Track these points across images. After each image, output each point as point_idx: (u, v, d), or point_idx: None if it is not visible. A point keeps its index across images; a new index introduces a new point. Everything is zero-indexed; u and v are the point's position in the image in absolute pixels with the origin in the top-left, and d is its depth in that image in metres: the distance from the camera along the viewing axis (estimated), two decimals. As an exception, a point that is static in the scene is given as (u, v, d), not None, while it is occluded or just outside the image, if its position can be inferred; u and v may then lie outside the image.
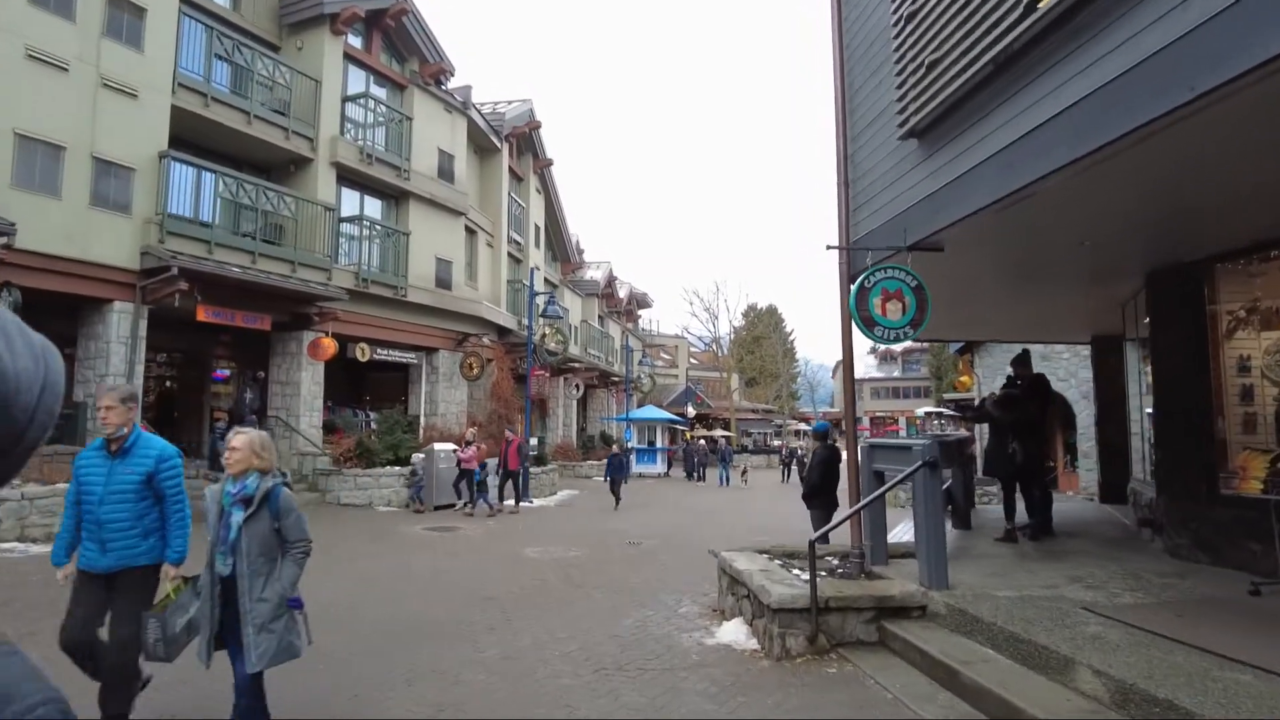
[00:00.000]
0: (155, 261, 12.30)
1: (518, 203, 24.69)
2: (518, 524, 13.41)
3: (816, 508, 7.92)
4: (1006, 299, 8.50)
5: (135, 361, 12.48)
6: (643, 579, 8.52)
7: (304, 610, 3.71)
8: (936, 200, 5.26)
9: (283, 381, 15.83)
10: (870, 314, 5.47)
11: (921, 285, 5.56)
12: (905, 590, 5.32)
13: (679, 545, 11.28)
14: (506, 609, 7.03)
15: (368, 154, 16.86)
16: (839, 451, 8.28)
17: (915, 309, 5.51)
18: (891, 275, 5.51)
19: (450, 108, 19.63)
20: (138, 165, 12.43)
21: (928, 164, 5.36)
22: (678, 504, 19.24)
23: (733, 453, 33.64)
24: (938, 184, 5.23)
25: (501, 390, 20.93)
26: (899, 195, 5.65)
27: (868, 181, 6.14)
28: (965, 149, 4.99)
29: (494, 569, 9.06)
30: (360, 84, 17.58)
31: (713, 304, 59.82)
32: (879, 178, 5.95)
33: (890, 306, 5.48)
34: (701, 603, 7.34)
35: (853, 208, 6.33)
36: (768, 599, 5.21)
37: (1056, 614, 4.66)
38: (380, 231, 17.54)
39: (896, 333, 5.54)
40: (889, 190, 5.80)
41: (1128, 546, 7.21)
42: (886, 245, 5.66)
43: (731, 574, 6.25)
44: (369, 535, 11.45)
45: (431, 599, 7.41)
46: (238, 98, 14.52)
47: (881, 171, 5.91)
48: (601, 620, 6.65)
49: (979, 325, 11.17)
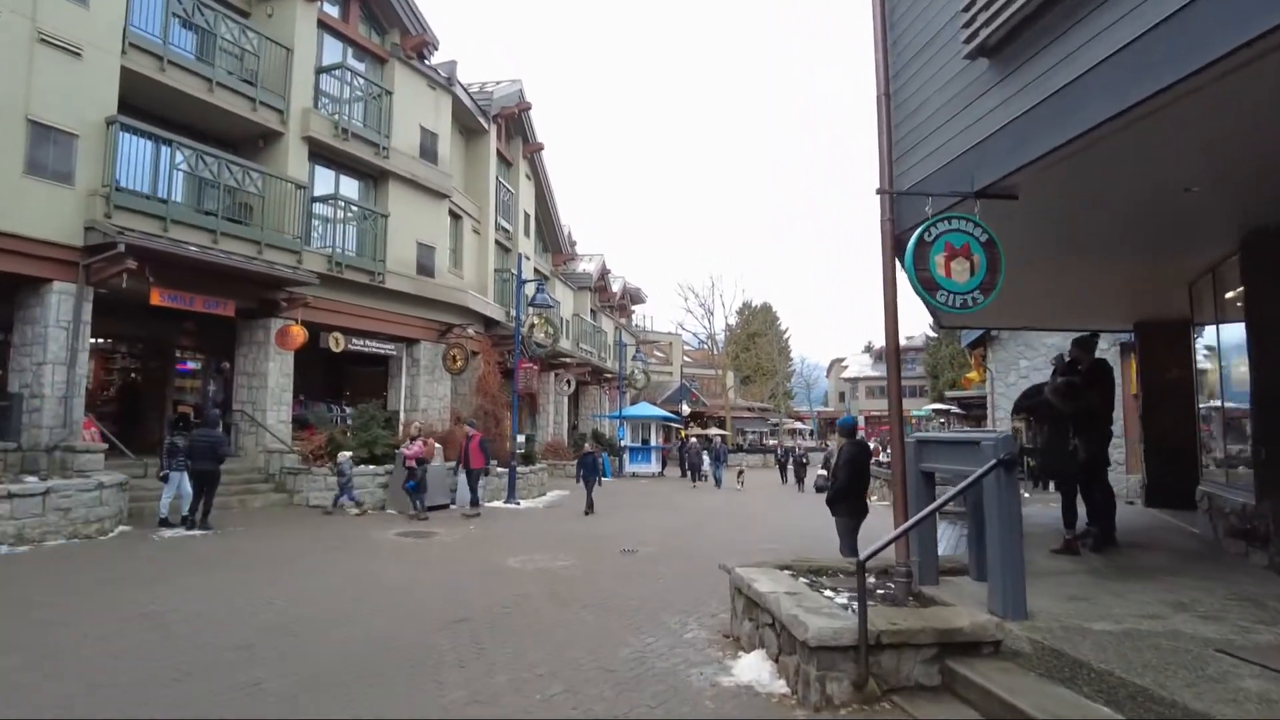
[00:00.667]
0: (100, 238, 11.11)
1: (506, 188, 23.52)
2: (500, 529, 12.27)
3: (844, 514, 6.83)
4: (1053, 273, 7.42)
5: (78, 348, 11.28)
6: (640, 595, 7.41)
7: None
8: (1016, 131, 4.17)
9: (249, 373, 14.64)
10: (932, 274, 4.38)
11: (994, 240, 4.47)
12: (976, 622, 4.23)
13: (679, 553, 10.18)
14: (480, 634, 5.91)
15: (343, 129, 15.66)
16: (869, 448, 7.19)
17: (986, 269, 4.43)
18: (957, 227, 4.43)
19: (434, 83, 18.45)
20: (81, 131, 11.22)
21: (1004, 86, 4.28)
22: (674, 506, 18.13)
23: (727, 452, 32.40)
24: (1019, 109, 4.14)
25: (488, 385, 19.75)
26: (965, 129, 4.57)
27: (923, 117, 5.04)
28: (1058, 61, 3.91)
29: (470, 582, 7.93)
30: (336, 55, 16.42)
31: (708, 300, 58.65)
32: (937, 110, 4.87)
33: (955, 266, 4.40)
34: (710, 626, 6.23)
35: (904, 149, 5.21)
36: (804, 633, 4.11)
37: (1186, 658, 3.58)
38: (357, 213, 16.37)
39: (964, 298, 4.44)
40: (951, 124, 4.71)
41: (1217, 562, 6.15)
42: (949, 191, 4.57)
43: (751, 597, 5.15)
44: (335, 541, 10.30)
45: (395, 620, 6.28)
46: (200, 64, 13.33)
47: (941, 102, 4.83)
48: (593, 649, 5.54)
49: (1009, 310, 10.08)
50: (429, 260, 17.83)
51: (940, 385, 60.85)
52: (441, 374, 18.59)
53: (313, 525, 11.75)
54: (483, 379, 19.79)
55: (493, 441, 17.89)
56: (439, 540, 10.81)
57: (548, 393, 26.81)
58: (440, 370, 18.49)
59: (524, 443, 18.84)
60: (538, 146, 25.52)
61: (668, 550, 10.39)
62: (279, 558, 8.94)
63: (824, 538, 12.20)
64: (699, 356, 56.68)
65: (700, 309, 54.41)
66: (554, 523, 13.43)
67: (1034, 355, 19.00)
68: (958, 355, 61.54)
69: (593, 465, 15.37)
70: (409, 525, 12.02)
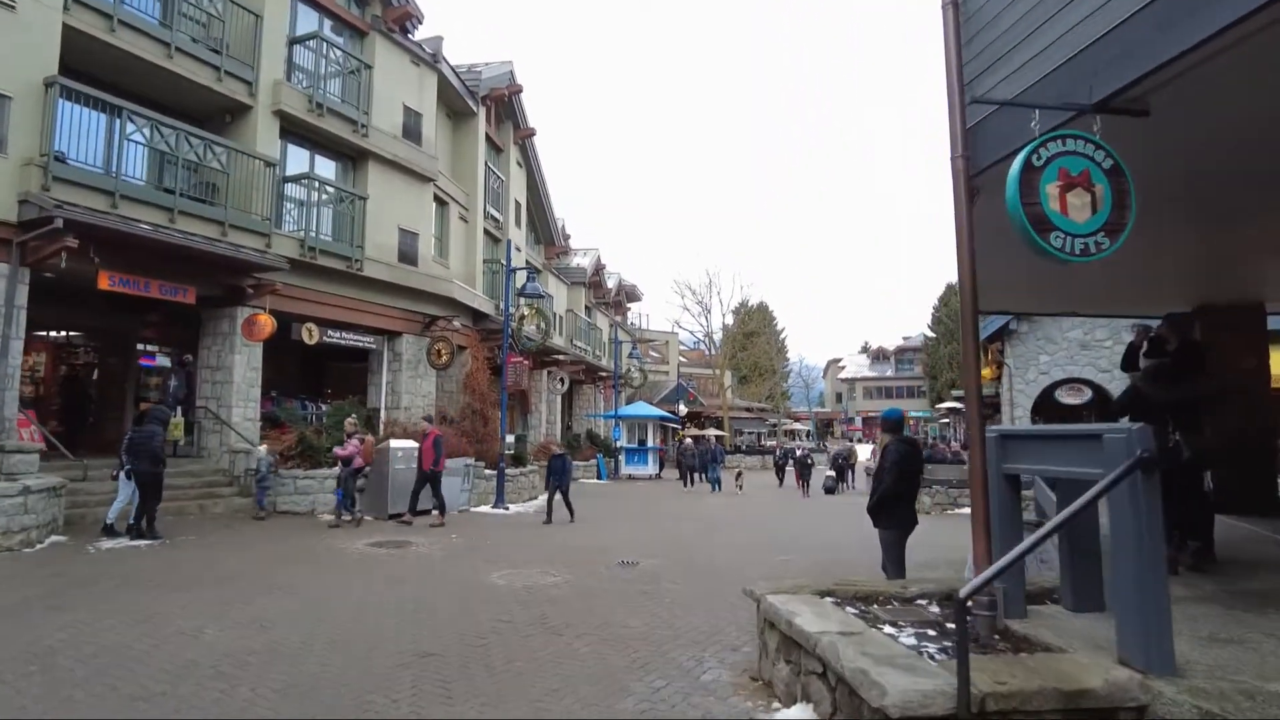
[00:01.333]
0: (36, 212, 9.91)
1: (496, 175, 22.35)
2: (485, 538, 11.11)
3: (890, 525, 5.71)
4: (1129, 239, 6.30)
5: (10, 336, 10.07)
6: (644, 621, 6.28)
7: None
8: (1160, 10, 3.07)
9: (213, 366, 13.45)
10: (1044, 209, 3.27)
11: (1120, 167, 3.37)
12: (1111, 679, 3.12)
13: (685, 566, 9.05)
14: (449, 675, 4.77)
15: (318, 103, 14.49)
16: (919, 447, 6.08)
17: (1111, 204, 3.32)
18: (1074, 149, 3.33)
19: (418, 60, 17.29)
20: (14, 93, 10.04)
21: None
22: (674, 511, 17.00)
23: (723, 453, 31.11)
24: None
25: (476, 382, 18.58)
26: (1083, 20, 3.45)
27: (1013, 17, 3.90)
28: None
29: (444, 604, 6.79)
30: (312, 24, 15.23)
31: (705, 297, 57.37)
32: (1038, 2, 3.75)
33: (1073, 199, 3.30)
34: (732, 665, 5.11)
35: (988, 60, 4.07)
36: (880, 698, 2.99)
37: None
38: (333, 195, 15.18)
39: (1084, 242, 3.33)
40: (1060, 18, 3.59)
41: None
42: (1059, 103, 3.48)
43: (792, 636, 4.03)
44: (296, 554, 9.14)
45: (351, 655, 5.15)
46: (157, 26, 12.16)
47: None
48: (589, 697, 4.42)
49: (1052, 292, 9.00)
50: (412, 247, 16.66)
51: (939, 386, 60.11)
52: (426, 369, 17.42)
53: (275, 533, 10.59)
54: (470, 375, 18.64)
55: (482, 442, 16.77)
56: (415, 552, 9.66)
57: (540, 391, 25.65)
58: (424, 365, 17.31)
59: (514, 443, 17.68)
60: (529, 132, 24.36)
61: (672, 563, 9.26)
62: (228, 574, 7.77)
63: (842, 547, 11.13)
64: (695, 357, 55.55)
65: (697, 306, 53.20)
66: (545, 530, 12.29)
67: (1054, 350, 18.03)
68: (957, 355, 60.83)
69: (562, 469, 13.20)
70: (384, 534, 10.86)
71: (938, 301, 62.57)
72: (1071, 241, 3.34)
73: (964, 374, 4.48)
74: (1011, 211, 3.33)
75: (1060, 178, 3.32)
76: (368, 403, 16.45)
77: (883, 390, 76.07)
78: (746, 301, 58.81)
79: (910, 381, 73.88)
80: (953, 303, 61.02)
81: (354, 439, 11.96)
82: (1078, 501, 3.17)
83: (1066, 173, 3.33)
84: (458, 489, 14.14)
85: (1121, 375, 17.51)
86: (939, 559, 8.66)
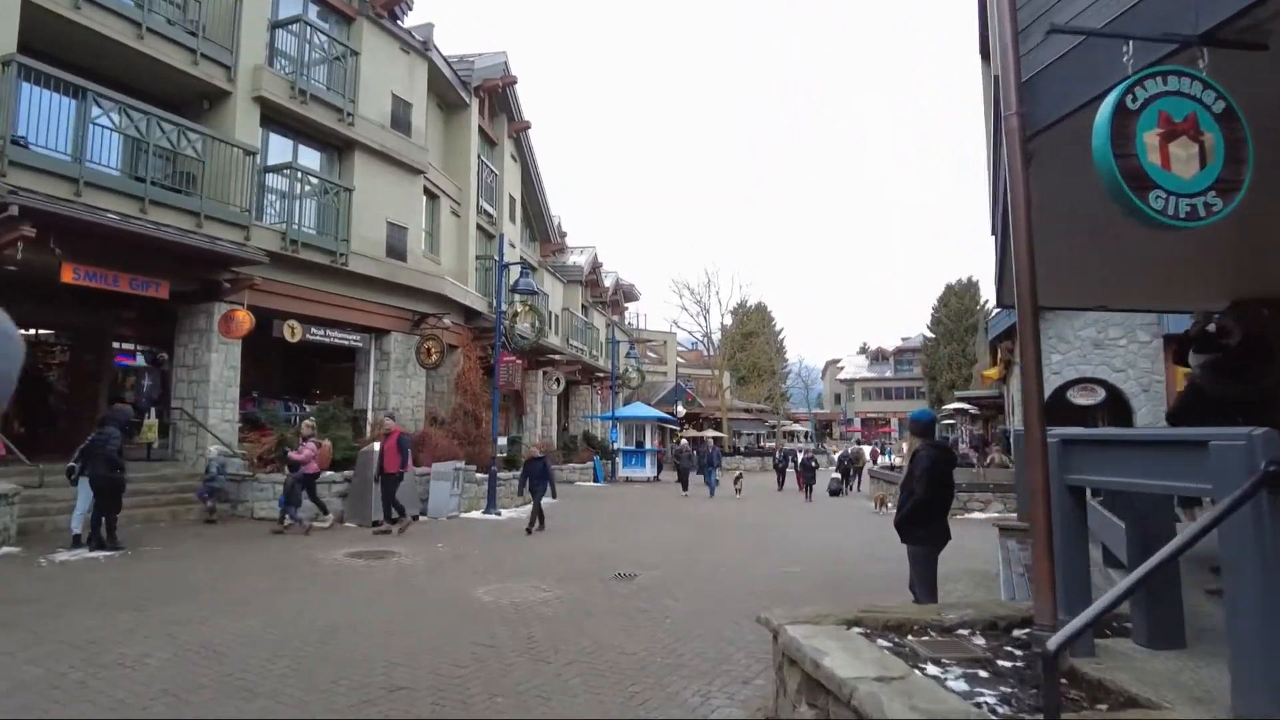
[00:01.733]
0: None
1: (490, 168, 21.70)
2: (473, 547, 10.45)
3: (920, 541, 5.07)
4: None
5: (-36, 331, 9.38)
6: (642, 645, 5.63)
7: None
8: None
9: (189, 365, 12.78)
10: (1140, 162, 2.63)
11: (1234, 110, 2.72)
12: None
13: (685, 580, 8.40)
14: (420, 715, 4.13)
15: (301, 90, 13.85)
16: (954, 454, 5.45)
17: (1223, 155, 2.69)
18: (1176, 89, 2.70)
19: (408, 47, 16.65)
20: (-32, 71, 9.39)
21: None
22: (672, 516, 16.35)
23: (720, 455, 30.28)
24: None
25: (468, 382, 17.95)
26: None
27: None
28: None
29: (423, 625, 6.14)
30: (295, 8, 14.57)
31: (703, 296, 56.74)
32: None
33: (1177, 150, 2.67)
34: (744, 699, 4.48)
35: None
36: (945, 777, 2.34)
37: None
38: (317, 186, 14.52)
39: (1191, 204, 2.67)
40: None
41: None
42: (1156, 34, 2.84)
43: (820, 680, 3.38)
44: (268, 565, 8.48)
45: (312, 687, 4.51)
46: (129, 5, 11.50)
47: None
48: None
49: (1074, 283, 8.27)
50: (400, 242, 16.01)
51: (939, 387, 59.51)
52: (415, 369, 16.76)
53: (248, 543, 9.93)
54: (462, 375, 18.00)
55: (474, 444, 16.12)
56: (397, 563, 9.00)
57: (535, 392, 24.99)
58: (414, 365, 16.66)
59: (506, 445, 17.02)
60: (524, 125, 23.72)
61: (671, 575, 8.61)
62: (189, 589, 7.12)
63: (852, 559, 10.42)
64: (693, 357, 54.93)
65: (696, 306, 52.59)
66: (538, 538, 11.64)
67: (1066, 349, 17.40)
68: (956, 356, 60.27)
69: (541, 473, 12.38)
70: (365, 544, 10.20)
71: (937, 302, 62.09)
72: (1176, 202, 2.69)
73: (1024, 371, 3.88)
74: (1101, 166, 2.69)
75: (1161, 124, 2.68)
76: (354, 403, 15.81)
77: (882, 391, 75.55)
78: (745, 301, 58.32)
79: (910, 382, 73.26)
80: (952, 303, 60.50)
81: (309, 442, 11.19)
82: (1193, 526, 2.53)
83: (1168, 118, 2.69)
84: (447, 494, 13.51)
85: (1136, 374, 16.98)
86: (957, 569, 8.01)
